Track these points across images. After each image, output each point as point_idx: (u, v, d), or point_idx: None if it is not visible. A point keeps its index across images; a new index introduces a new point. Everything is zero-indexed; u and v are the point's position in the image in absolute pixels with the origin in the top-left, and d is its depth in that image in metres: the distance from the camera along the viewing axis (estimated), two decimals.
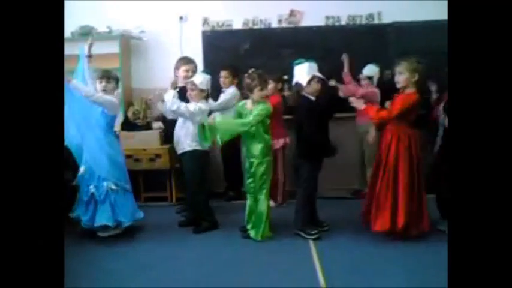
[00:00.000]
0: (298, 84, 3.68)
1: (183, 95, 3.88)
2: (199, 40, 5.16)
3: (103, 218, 3.69)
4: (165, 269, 3.23)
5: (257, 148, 3.69)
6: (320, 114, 3.70)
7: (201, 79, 3.85)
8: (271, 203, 4.53)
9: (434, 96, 4.46)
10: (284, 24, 5.18)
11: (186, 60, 4.31)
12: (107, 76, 3.79)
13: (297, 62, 3.72)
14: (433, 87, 4.49)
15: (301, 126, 3.72)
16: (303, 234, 3.68)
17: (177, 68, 4.30)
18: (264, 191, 3.75)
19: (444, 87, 4.05)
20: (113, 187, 3.73)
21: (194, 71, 4.21)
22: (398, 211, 3.48)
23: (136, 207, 3.99)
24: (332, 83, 4.55)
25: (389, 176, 3.52)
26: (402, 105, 3.47)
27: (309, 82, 3.61)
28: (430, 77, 4.32)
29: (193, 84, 3.81)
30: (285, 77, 4.54)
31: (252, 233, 3.74)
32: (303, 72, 3.65)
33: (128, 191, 3.87)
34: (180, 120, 3.92)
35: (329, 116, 3.80)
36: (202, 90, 3.84)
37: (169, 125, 4.23)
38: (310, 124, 3.65)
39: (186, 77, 4.12)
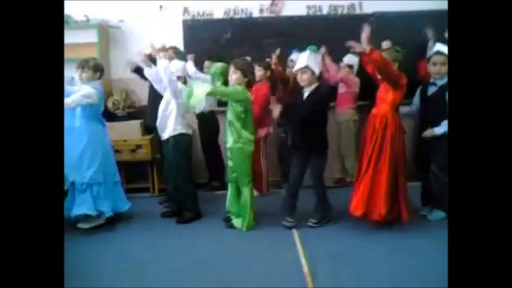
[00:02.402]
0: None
1: None
2: (179, 29, 5.09)
3: (83, 207, 3.66)
4: (148, 259, 3.21)
5: (229, 134, 3.71)
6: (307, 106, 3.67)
7: (177, 66, 3.85)
8: (255, 193, 4.54)
9: (430, 44, 4.49)
10: (265, 14, 5.15)
11: (168, 47, 4.26)
12: (82, 66, 3.72)
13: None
14: (430, 33, 4.55)
15: None
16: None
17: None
18: (246, 181, 3.75)
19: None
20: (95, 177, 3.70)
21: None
22: (378, 199, 3.51)
23: (124, 198, 3.97)
24: (322, 50, 4.49)
25: (372, 162, 3.55)
26: (398, 73, 3.53)
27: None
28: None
29: (170, 71, 3.75)
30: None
31: (237, 223, 3.74)
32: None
33: (111, 182, 3.82)
34: (162, 105, 3.87)
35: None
36: (179, 77, 3.82)
37: (151, 115, 4.17)
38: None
39: None
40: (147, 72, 3.97)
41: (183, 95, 3.78)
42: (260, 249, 3.34)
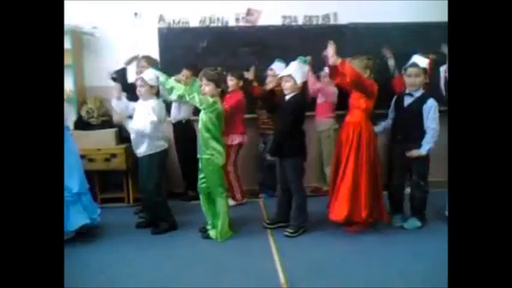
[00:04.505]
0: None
1: (133, 91, 3.84)
2: (155, 37, 5.04)
3: (81, 218, 3.64)
4: (123, 271, 3.17)
5: (200, 143, 3.68)
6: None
7: (150, 75, 3.74)
8: (231, 202, 4.54)
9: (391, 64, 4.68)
10: (241, 23, 5.17)
11: (142, 57, 4.24)
12: None
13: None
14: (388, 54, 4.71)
15: None
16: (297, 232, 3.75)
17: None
18: (219, 191, 3.71)
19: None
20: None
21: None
22: (359, 203, 3.59)
23: (95, 209, 3.88)
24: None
25: (350, 169, 3.61)
26: (370, 82, 3.62)
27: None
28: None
29: (143, 80, 3.71)
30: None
31: (211, 234, 3.73)
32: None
33: (81, 194, 3.74)
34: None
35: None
36: (152, 87, 3.75)
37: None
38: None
39: (139, 73, 4.04)
40: (116, 104, 3.91)
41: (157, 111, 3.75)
42: (236, 259, 3.33)
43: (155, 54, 4.89)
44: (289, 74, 3.64)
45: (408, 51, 4.00)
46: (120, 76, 4.28)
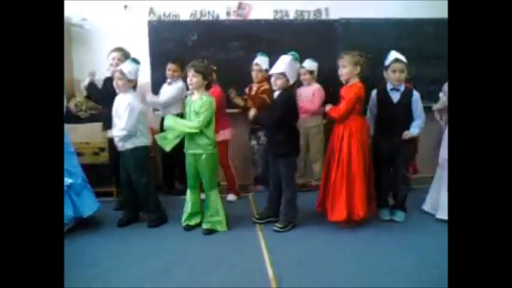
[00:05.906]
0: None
1: (110, 85, 3.78)
2: (145, 30, 4.99)
3: (94, 205, 3.75)
4: (111, 265, 3.14)
5: (202, 141, 3.61)
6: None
7: (129, 68, 3.65)
8: (234, 197, 4.53)
9: None
10: (232, 17, 5.14)
11: (115, 48, 4.17)
12: None
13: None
14: None
15: None
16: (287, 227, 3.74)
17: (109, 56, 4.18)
18: (214, 185, 3.73)
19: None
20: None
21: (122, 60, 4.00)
22: (356, 202, 3.61)
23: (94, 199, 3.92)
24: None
25: (343, 167, 3.63)
26: (348, 100, 3.59)
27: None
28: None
29: (122, 72, 3.63)
30: None
31: (218, 227, 3.74)
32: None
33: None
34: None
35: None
36: (130, 80, 3.68)
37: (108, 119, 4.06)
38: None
39: (114, 65, 3.99)
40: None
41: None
42: (225, 254, 3.31)
43: (145, 47, 4.86)
44: (283, 72, 3.56)
45: (400, 47, 3.99)
46: (92, 88, 4.24)
